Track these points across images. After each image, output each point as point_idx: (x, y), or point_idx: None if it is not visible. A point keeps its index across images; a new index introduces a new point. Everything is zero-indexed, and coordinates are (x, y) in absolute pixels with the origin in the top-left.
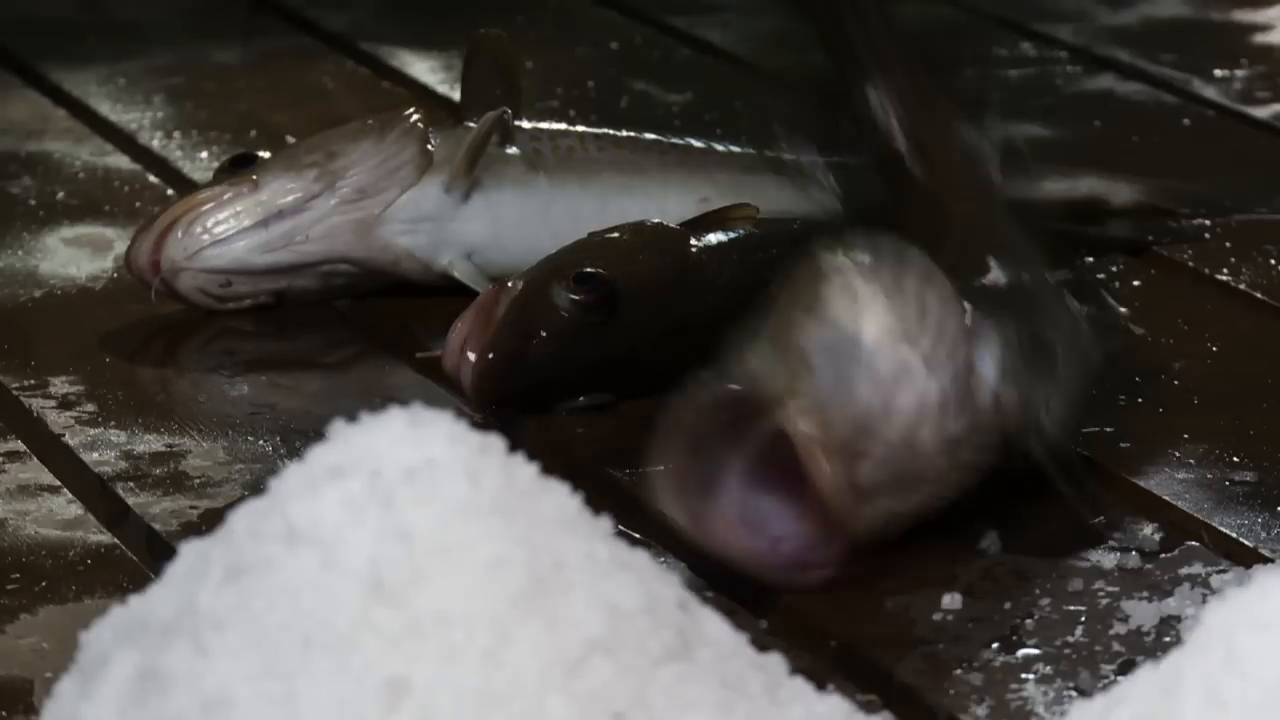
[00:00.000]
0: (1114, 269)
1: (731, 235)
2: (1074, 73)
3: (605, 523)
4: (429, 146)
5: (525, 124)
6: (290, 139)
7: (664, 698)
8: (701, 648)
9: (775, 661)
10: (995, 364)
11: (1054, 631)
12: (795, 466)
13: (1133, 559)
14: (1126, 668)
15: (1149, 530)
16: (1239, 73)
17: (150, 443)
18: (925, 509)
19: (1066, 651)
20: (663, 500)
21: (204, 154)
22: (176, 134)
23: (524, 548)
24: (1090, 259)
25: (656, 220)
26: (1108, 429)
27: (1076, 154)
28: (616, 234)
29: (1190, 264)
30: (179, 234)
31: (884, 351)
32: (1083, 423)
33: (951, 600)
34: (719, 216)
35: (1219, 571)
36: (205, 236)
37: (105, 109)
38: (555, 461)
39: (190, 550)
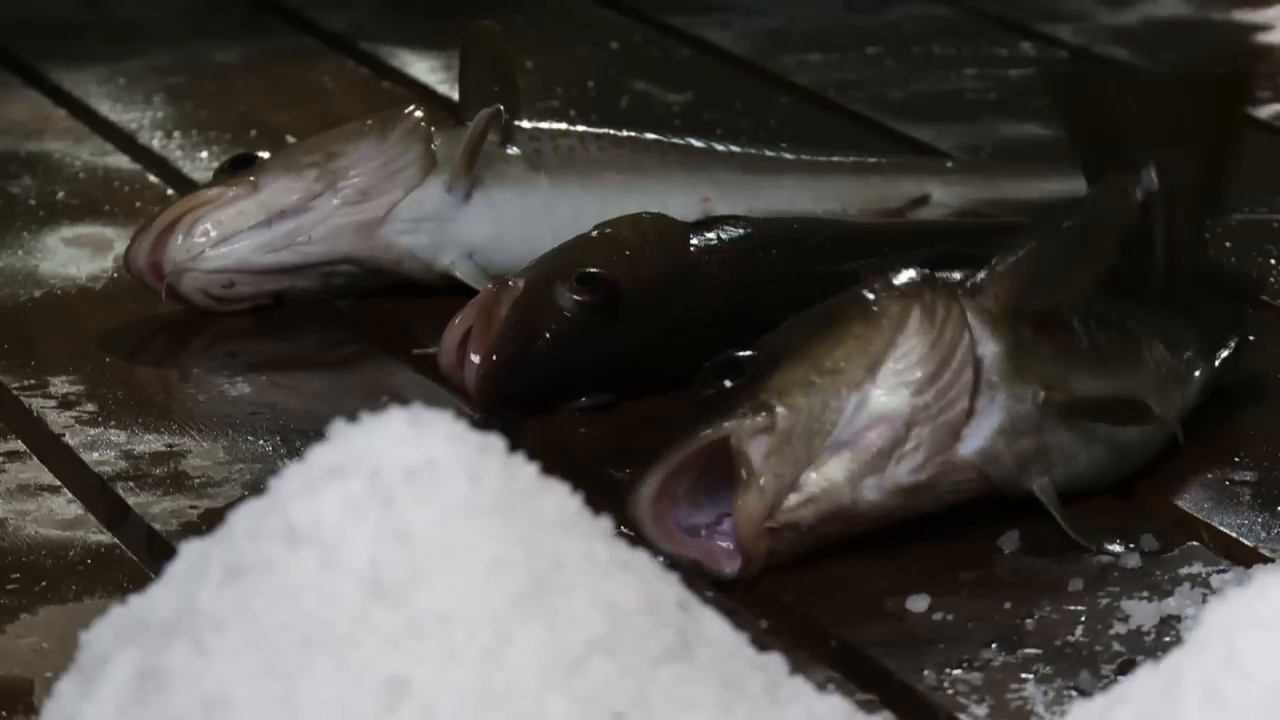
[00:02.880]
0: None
1: (729, 235)
2: None
3: (605, 523)
4: (431, 147)
5: (526, 124)
6: (290, 139)
7: (664, 698)
8: (701, 648)
9: (775, 661)
10: (989, 431)
11: (1054, 631)
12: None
13: (1133, 559)
14: (1126, 668)
15: (1149, 530)
16: None
17: (150, 443)
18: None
19: (1066, 651)
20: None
21: (204, 154)
22: (176, 134)
23: (524, 548)
24: None
25: (655, 212)
26: None
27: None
28: (616, 230)
29: None
30: (180, 236)
31: (878, 391)
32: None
33: (951, 600)
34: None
35: (1219, 571)
36: (208, 237)
37: (105, 109)
38: (555, 461)
39: (190, 550)
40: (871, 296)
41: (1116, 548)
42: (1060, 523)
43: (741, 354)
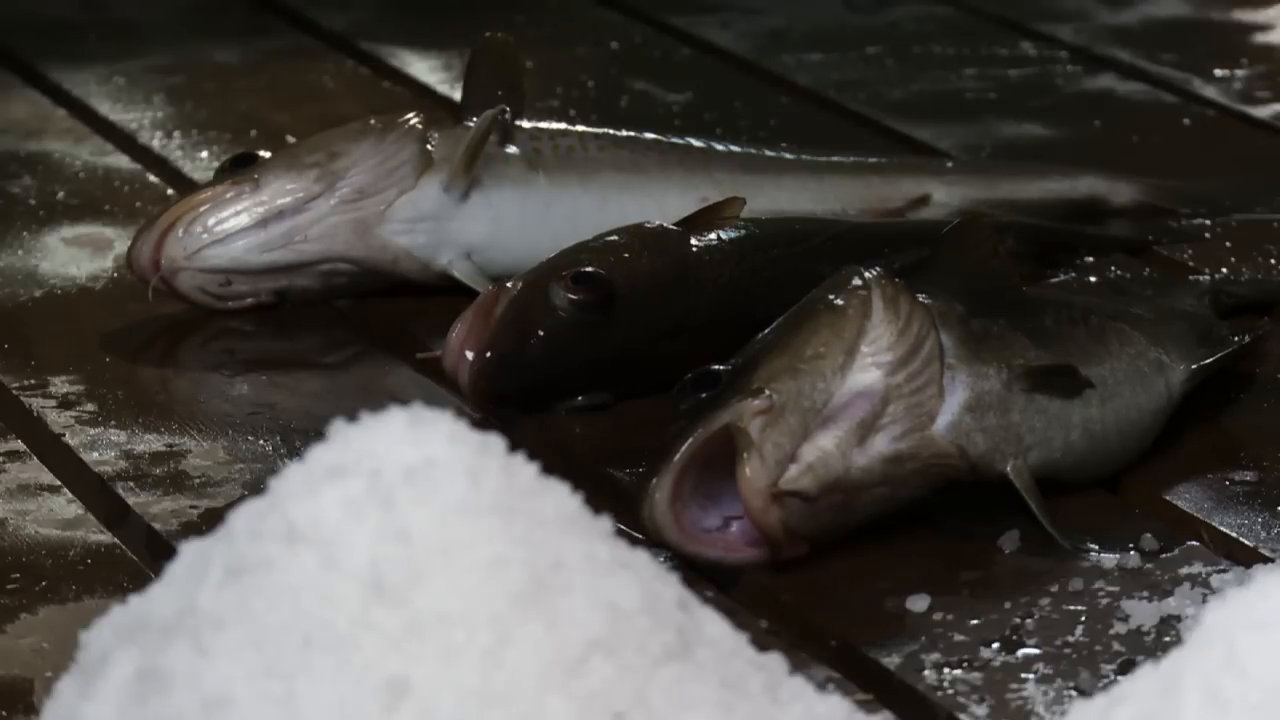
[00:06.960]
0: (1114, 269)
1: (728, 235)
2: (1074, 73)
3: (605, 523)
4: (429, 146)
5: (525, 124)
6: (290, 139)
7: (664, 698)
8: (701, 648)
9: (775, 661)
10: (957, 407)
11: (1054, 631)
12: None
13: (1133, 559)
14: (1126, 668)
15: (1149, 530)
16: (1239, 73)
17: (150, 442)
18: (862, 517)
19: (1066, 651)
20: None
21: (204, 154)
22: (176, 134)
23: (524, 548)
24: (1091, 259)
25: (657, 223)
26: None
27: (1076, 154)
28: (617, 235)
29: (1190, 264)
30: (179, 233)
31: (855, 371)
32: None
33: (951, 600)
34: (712, 213)
35: (1219, 571)
36: (205, 236)
37: (105, 109)
38: (555, 461)
39: (190, 550)
40: (832, 295)
41: (1093, 547)
42: (1035, 512)
43: (718, 367)
